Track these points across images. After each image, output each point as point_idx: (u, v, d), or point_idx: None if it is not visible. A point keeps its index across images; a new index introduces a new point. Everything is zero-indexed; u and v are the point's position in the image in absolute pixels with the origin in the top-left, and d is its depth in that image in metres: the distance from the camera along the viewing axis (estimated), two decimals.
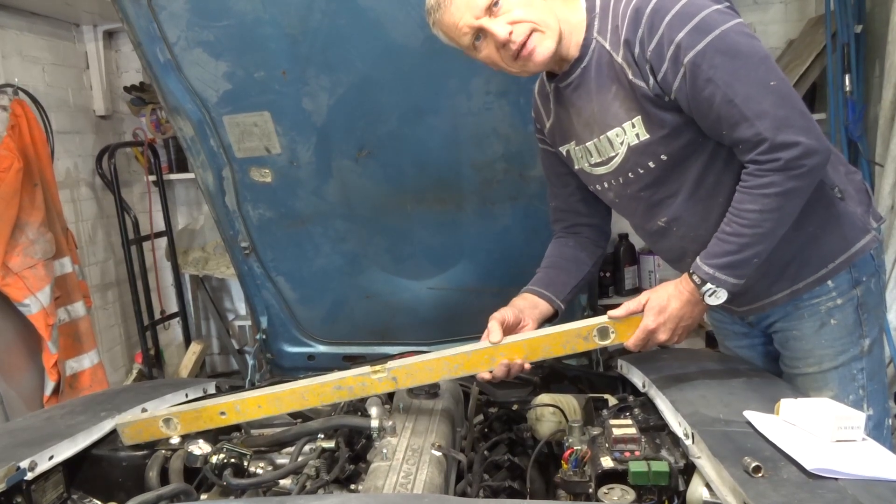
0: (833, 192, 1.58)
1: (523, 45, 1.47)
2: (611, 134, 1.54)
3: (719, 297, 1.46)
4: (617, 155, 1.56)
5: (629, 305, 1.52)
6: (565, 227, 1.87)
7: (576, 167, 1.72)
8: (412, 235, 2.54)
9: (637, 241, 4.07)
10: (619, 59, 1.46)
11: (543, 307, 1.74)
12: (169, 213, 4.12)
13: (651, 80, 1.42)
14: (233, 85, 2.16)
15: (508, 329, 1.63)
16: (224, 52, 2.08)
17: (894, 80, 2.95)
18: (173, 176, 4.19)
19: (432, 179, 2.39)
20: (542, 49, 1.48)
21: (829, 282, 1.60)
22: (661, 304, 1.51)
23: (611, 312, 1.54)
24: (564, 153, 1.73)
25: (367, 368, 1.59)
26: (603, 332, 1.55)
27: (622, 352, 3.22)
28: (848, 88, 3.19)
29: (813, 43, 3.43)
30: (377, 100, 2.18)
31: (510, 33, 1.45)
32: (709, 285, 1.46)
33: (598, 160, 1.61)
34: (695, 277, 1.48)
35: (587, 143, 1.61)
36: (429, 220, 2.49)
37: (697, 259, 1.48)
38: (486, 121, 2.22)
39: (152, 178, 4.09)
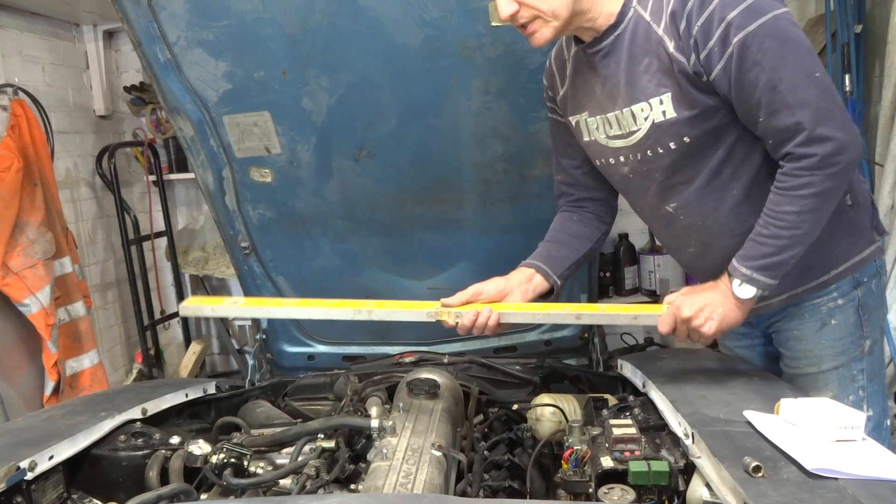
0: (845, 198, 1.57)
1: (524, 26, 1.49)
2: (635, 108, 1.52)
3: (748, 291, 1.46)
4: (639, 130, 1.54)
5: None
6: (570, 202, 1.85)
7: (585, 139, 1.69)
8: (412, 235, 2.54)
9: (637, 241, 4.06)
10: (660, 31, 1.44)
11: (538, 281, 1.72)
12: (169, 213, 4.11)
13: (693, 57, 1.41)
14: (233, 85, 2.16)
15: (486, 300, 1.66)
16: (224, 52, 2.08)
17: (894, 80, 2.95)
18: (173, 176, 4.18)
19: (432, 179, 2.39)
20: (540, 36, 1.50)
21: (831, 284, 1.60)
22: (692, 289, 1.56)
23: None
24: (573, 124, 1.70)
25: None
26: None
27: (622, 351, 3.23)
28: (848, 88, 3.19)
29: (813, 43, 3.42)
30: (377, 100, 2.18)
31: (515, 12, 1.47)
32: (738, 279, 1.46)
33: (618, 133, 1.59)
34: (731, 276, 1.48)
35: (608, 114, 1.58)
36: (429, 220, 2.48)
37: (734, 261, 1.48)
38: (486, 121, 2.22)
39: (152, 178, 4.09)
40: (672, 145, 1.51)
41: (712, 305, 1.50)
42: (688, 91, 1.44)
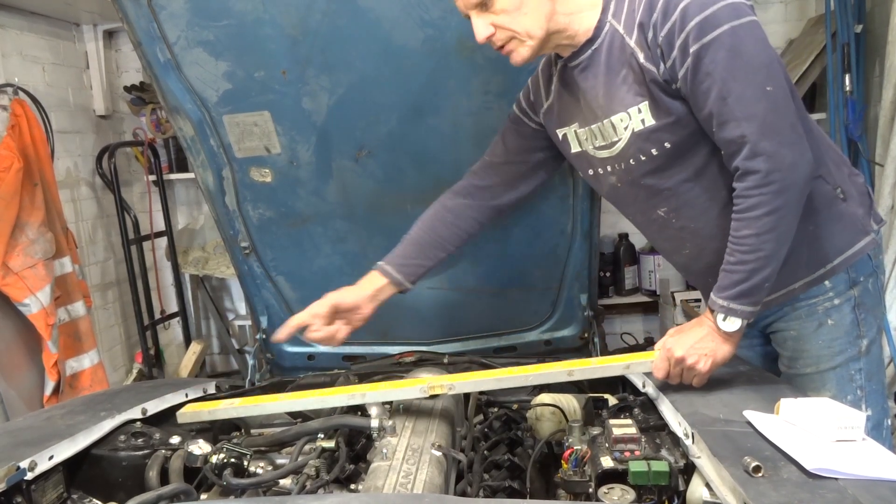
0: (836, 192, 1.57)
1: (501, 48, 1.53)
2: (615, 118, 1.53)
3: (733, 324, 1.46)
4: (620, 140, 1.55)
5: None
6: (474, 185, 1.91)
7: (574, 150, 1.70)
8: None
9: (637, 241, 4.07)
10: (632, 43, 1.46)
11: (387, 291, 1.87)
12: (169, 213, 4.12)
13: (661, 66, 1.42)
14: (233, 85, 2.16)
15: (340, 312, 1.83)
16: (224, 52, 2.08)
17: (894, 80, 2.95)
18: (173, 176, 4.19)
19: (432, 179, 2.38)
20: (518, 56, 1.53)
21: (826, 282, 1.60)
22: (679, 329, 1.54)
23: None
24: (560, 136, 1.72)
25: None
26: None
27: (622, 352, 3.23)
28: (848, 88, 3.20)
29: (813, 43, 3.44)
30: (377, 100, 2.18)
31: (491, 34, 1.50)
32: (720, 314, 1.46)
33: (602, 143, 1.61)
34: (713, 311, 1.48)
35: (591, 126, 1.61)
36: None
37: (712, 294, 1.48)
38: (486, 121, 2.21)
39: (152, 177, 4.10)
40: (654, 151, 1.53)
41: (703, 342, 1.49)
42: (662, 100, 1.46)
